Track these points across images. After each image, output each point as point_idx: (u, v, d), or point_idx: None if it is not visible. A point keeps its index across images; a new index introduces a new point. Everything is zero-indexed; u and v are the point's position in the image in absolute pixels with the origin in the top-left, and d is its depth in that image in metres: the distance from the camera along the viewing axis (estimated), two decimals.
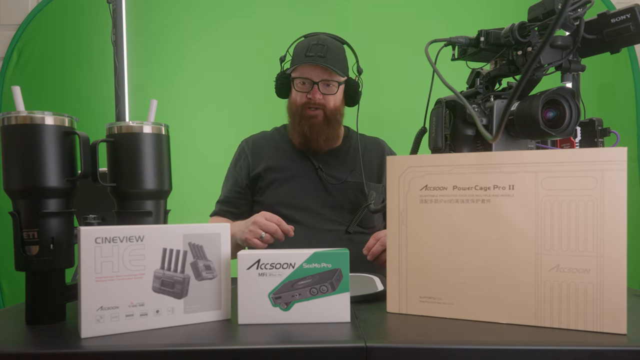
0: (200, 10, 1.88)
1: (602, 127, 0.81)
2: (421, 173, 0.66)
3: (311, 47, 1.18)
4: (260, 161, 1.28)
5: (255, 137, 1.36)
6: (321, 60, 1.16)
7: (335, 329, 0.60)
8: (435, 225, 0.65)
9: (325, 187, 1.24)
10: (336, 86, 1.21)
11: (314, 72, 1.19)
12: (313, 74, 1.19)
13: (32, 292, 0.65)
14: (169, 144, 0.73)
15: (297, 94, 1.23)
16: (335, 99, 1.22)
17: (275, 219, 1.03)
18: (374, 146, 1.34)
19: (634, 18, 0.64)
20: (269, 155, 1.29)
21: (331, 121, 1.23)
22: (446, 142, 0.80)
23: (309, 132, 1.22)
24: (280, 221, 1.03)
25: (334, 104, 1.22)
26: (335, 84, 1.20)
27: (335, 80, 1.20)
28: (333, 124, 1.23)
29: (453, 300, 0.64)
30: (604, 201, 0.57)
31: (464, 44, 0.80)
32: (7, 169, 0.64)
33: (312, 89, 1.19)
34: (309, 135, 1.23)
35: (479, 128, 0.63)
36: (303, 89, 1.21)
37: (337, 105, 1.23)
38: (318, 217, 1.21)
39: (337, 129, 1.27)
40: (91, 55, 1.88)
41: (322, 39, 1.21)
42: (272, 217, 1.03)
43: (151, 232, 0.61)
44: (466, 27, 0.95)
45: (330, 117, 1.22)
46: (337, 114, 1.23)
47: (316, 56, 1.17)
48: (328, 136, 1.24)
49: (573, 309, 0.59)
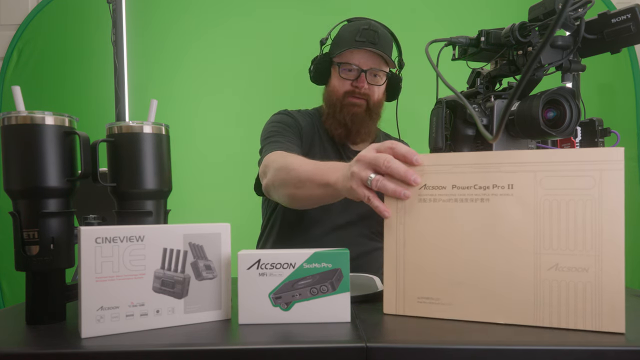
0: (200, 10, 1.88)
1: (602, 127, 0.81)
2: (420, 172, 0.66)
3: (362, 31, 1.09)
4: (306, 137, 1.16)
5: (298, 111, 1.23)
6: (373, 46, 1.08)
7: (335, 329, 0.60)
8: (434, 224, 0.65)
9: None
10: (383, 77, 1.14)
11: (363, 58, 1.10)
12: (362, 60, 1.10)
13: (32, 292, 0.65)
14: (169, 144, 0.73)
15: (340, 81, 1.13)
16: (379, 91, 1.15)
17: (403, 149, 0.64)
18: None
19: (634, 18, 0.64)
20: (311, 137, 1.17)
21: (373, 114, 1.15)
22: (446, 142, 0.80)
23: (350, 122, 1.13)
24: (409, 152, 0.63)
25: (377, 96, 1.14)
26: (383, 74, 1.13)
27: (384, 71, 1.13)
28: (374, 118, 1.16)
29: (451, 300, 0.64)
30: (602, 200, 0.58)
31: (465, 44, 0.80)
32: (7, 169, 0.64)
33: (359, 77, 1.10)
34: (350, 126, 1.13)
35: (479, 128, 0.63)
36: (349, 76, 1.12)
37: (381, 97, 1.16)
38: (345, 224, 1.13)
39: (377, 124, 1.19)
40: (91, 55, 1.88)
41: (373, 24, 1.13)
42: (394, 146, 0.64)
43: (151, 232, 0.62)
44: (466, 27, 0.95)
45: (373, 110, 1.14)
46: (379, 107, 1.16)
47: (368, 42, 1.08)
48: (369, 129, 1.16)
49: (572, 308, 0.59)
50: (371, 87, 1.13)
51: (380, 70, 1.12)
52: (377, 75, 1.13)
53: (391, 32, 1.19)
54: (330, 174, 0.77)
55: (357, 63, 1.11)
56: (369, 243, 1.15)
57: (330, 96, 1.17)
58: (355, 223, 1.15)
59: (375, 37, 1.09)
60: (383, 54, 1.09)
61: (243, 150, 1.66)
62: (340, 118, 1.14)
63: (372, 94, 1.13)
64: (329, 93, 1.18)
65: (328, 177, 0.77)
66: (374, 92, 1.14)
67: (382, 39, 1.11)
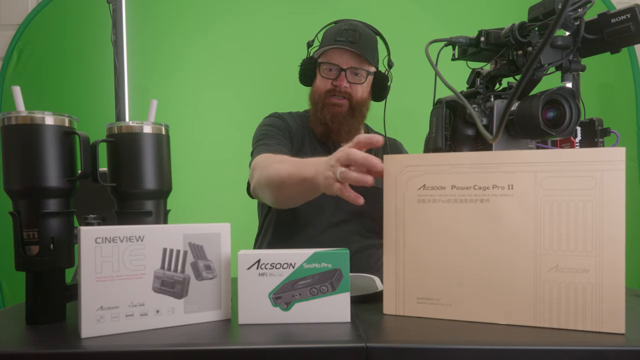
0: (200, 10, 1.88)
1: (602, 127, 0.81)
2: (419, 172, 0.66)
3: (342, 31, 1.11)
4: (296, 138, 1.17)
5: (284, 113, 1.24)
6: (352, 45, 1.10)
7: (335, 329, 0.60)
8: (433, 225, 0.65)
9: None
10: (364, 75, 1.14)
11: (343, 57, 1.12)
12: (342, 59, 1.12)
13: (32, 292, 0.65)
14: (169, 144, 0.73)
15: (321, 80, 1.15)
16: (362, 90, 1.15)
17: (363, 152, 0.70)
18: (392, 149, 1.28)
19: (634, 18, 0.64)
20: (301, 138, 1.19)
21: (356, 113, 1.15)
22: (446, 142, 0.80)
23: (330, 121, 1.14)
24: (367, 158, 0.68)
25: (360, 95, 1.15)
26: (364, 73, 1.13)
27: (365, 69, 1.13)
28: (357, 117, 1.16)
29: (451, 301, 0.64)
30: (603, 201, 0.57)
31: (464, 44, 0.80)
32: (7, 169, 0.64)
33: (339, 75, 1.12)
34: (330, 125, 1.15)
35: (479, 128, 0.63)
36: (329, 75, 1.14)
37: (364, 96, 1.16)
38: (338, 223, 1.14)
39: (361, 122, 1.20)
40: (91, 55, 1.88)
41: (355, 24, 1.14)
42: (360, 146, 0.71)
43: (151, 232, 0.62)
44: (466, 27, 0.95)
45: (356, 109, 1.15)
46: (362, 106, 1.17)
47: (347, 41, 1.10)
48: (351, 128, 1.16)
49: (572, 309, 0.59)
50: (352, 85, 1.14)
51: (361, 69, 1.13)
52: (358, 74, 1.14)
53: (377, 32, 1.20)
54: (308, 169, 0.80)
55: (337, 62, 1.13)
56: (363, 240, 1.16)
57: (313, 95, 1.19)
58: (348, 221, 1.16)
59: (355, 36, 1.11)
60: (361, 52, 1.10)
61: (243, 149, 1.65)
62: (321, 117, 1.16)
63: (353, 92, 1.14)
64: (312, 93, 1.20)
65: (306, 173, 0.80)
66: (355, 90, 1.15)
67: (362, 39, 1.12)
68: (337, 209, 1.15)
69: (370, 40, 1.15)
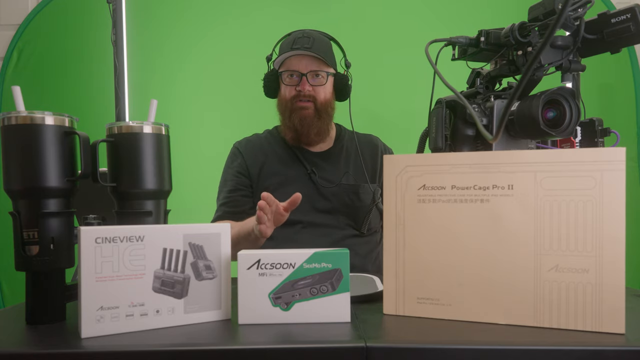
0: (200, 10, 1.88)
1: (602, 127, 0.81)
2: (419, 172, 0.66)
3: (296, 39, 1.17)
4: (254, 164, 1.26)
5: (248, 139, 1.34)
6: (308, 50, 1.15)
7: (335, 329, 0.60)
8: (433, 225, 0.65)
9: (319, 190, 1.21)
10: (325, 77, 1.19)
11: (301, 63, 1.17)
12: (301, 65, 1.17)
13: (32, 292, 0.65)
14: (169, 144, 0.73)
15: (285, 88, 1.21)
16: (325, 91, 1.20)
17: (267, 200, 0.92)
18: (367, 145, 1.31)
19: (634, 18, 0.64)
20: (262, 158, 1.26)
21: (322, 114, 1.20)
22: (446, 142, 0.80)
23: (299, 125, 1.20)
24: (268, 198, 0.92)
25: (324, 96, 1.20)
26: (324, 74, 1.19)
27: (324, 71, 1.19)
28: (324, 117, 1.21)
29: (451, 301, 0.64)
30: (603, 201, 0.57)
31: (464, 44, 0.80)
32: (7, 169, 0.64)
33: (301, 80, 1.17)
34: (300, 129, 1.20)
35: (479, 128, 0.63)
36: (291, 82, 1.19)
37: (328, 97, 1.21)
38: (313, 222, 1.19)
39: (328, 123, 1.25)
40: (91, 55, 1.88)
41: (307, 32, 1.21)
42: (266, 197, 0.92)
43: (151, 232, 0.62)
44: (466, 27, 0.95)
45: (321, 110, 1.20)
46: (327, 106, 1.22)
47: (302, 47, 1.15)
48: (319, 129, 1.22)
49: (572, 309, 0.59)
50: (315, 88, 1.19)
51: (320, 70, 1.18)
52: (319, 76, 1.19)
53: (331, 37, 1.25)
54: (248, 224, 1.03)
55: (297, 68, 1.18)
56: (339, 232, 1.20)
57: (280, 105, 1.24)
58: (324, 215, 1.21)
59: (309, 42, 1.17)
60: (318, 55, 1.15)
61: None
62: (290, 123, 1.21)
63: (317, 94, 1.19)
64: (279, 102, 1.25)
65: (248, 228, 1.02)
66: (319, 93, 1.20)
67: (317, 43, 1.18)
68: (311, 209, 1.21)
69: (325, 44, 1.21)
